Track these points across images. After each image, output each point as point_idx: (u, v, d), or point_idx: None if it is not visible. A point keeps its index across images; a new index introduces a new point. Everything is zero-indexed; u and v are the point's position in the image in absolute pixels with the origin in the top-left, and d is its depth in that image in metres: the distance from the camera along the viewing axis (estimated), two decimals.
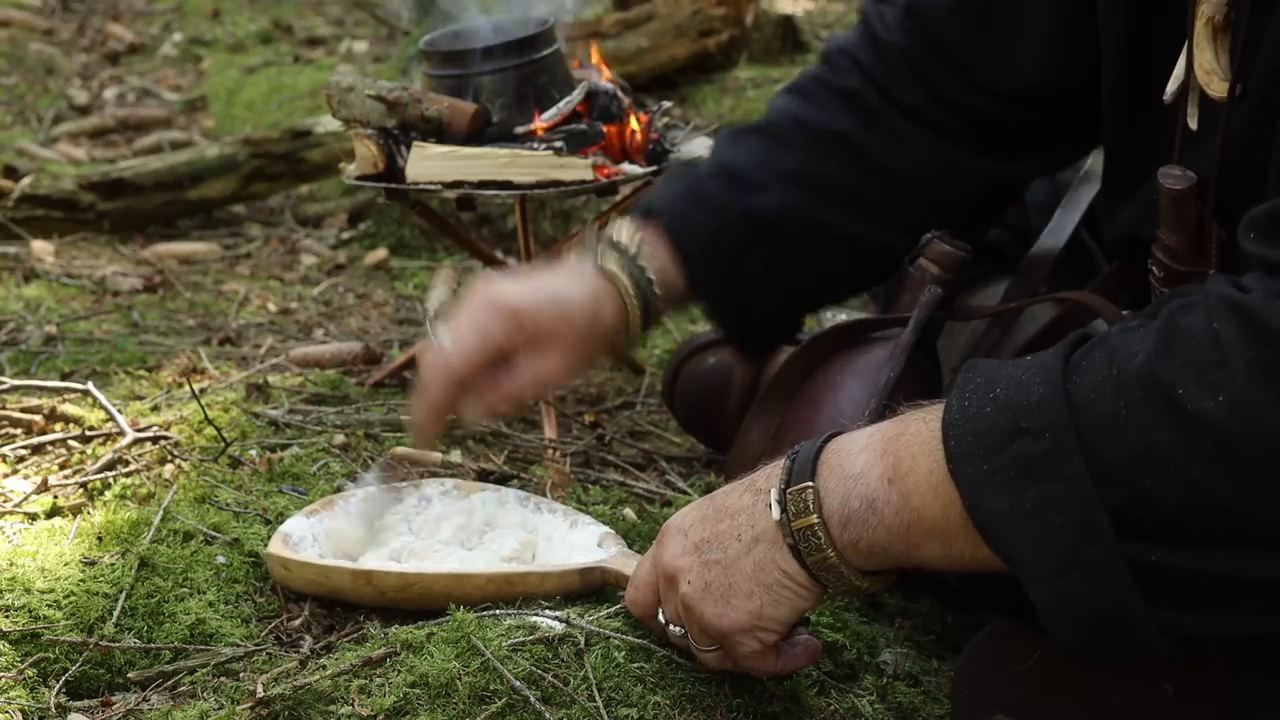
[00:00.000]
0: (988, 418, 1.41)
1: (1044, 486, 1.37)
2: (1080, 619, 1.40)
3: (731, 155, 2.11)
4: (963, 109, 2.07)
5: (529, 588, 1.79)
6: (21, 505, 2.06)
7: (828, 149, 2.08)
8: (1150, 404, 1.34)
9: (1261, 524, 1.34)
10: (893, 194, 2.09)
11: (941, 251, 2.12)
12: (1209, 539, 1.36)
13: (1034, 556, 1.39)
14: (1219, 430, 1.32)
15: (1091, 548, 1.37)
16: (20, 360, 2.89)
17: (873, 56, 2.10)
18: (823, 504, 1.49)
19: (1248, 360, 1.31)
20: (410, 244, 4.02)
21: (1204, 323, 1.35)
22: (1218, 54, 1.66)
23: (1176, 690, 1.65)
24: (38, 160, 4.78)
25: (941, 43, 2.06)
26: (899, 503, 1.46)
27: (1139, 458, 1.35)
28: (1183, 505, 1.35)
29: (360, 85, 2.73)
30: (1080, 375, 1.39)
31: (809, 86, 2.14)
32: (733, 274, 2.07)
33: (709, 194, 2.08)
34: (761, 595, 1.54)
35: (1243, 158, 1.64)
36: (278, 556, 1.87)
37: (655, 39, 4.77)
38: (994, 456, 1.40)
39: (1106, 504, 1.36)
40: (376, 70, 5.37)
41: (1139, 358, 1.37)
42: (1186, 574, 1.37)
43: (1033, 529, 1.38)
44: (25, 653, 1.75)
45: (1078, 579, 1.38)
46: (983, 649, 1.77)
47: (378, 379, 2.83)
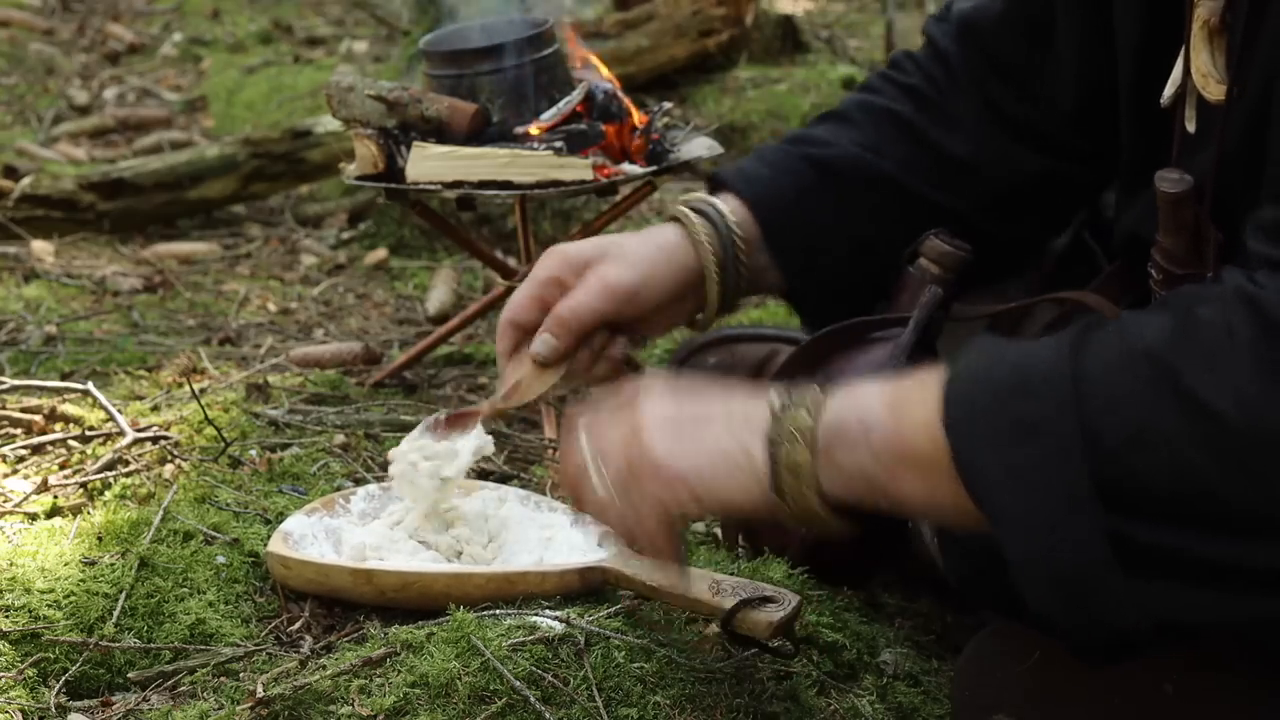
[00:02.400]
0: (992, 381, 1.43)
1: (1036, 447, 1.39)
2: (1053, 581, 1.41)
3: (798, 133, 2.17)
4: (1015, 117, 2.09)
5: (529, 587, 1.79)
6: (21, 505, 2.06)
7: (890, 127, 2.12)
8: (1154, 384, 1.36)
9: (1248, 514, 1.35)
10: (953, 172, 2.12)
11: (941, 251, 2.11)
12: (1194, 522, 1.37)
13: (1015, 512, 1.41)
14: (1220, 420, 1.33)
15: (1074, 513, 1.38)
16: (20, 360, 2.89)
17: (933, 62, 2.15)
18: (822, 408, 1.50)
19: (1256, 354, 1.32)
20: (410, 244, 4.02)
21: (1218, 314, 1.36)
22: (1214, 57, 1.67)
23: (1176, 690, 1.65)
24: (38, 160, 4.78)
25: (995, 55, 2.09)
26: (892, 429, 1.47)
27: (1135, 435, 1.36)
28: (1173, 487, 1.36)
29: (360, 85, 2.73)
30: (1088, 349, 1.41)
31: (873, 82, 2.20)
32: (800, 216, 2.07)
33: (771, 149, 2.12)
34: (719, 464, 1.53)
35: (1238, 160, 1.65)
36: (278, 555, 1.87)
37: (655, 39, 4.77)
38: (990, 415, 1.42)
39: (1095, 474, 1.37)
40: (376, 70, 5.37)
41: (1149, 338, 1.38)
42: (1167, 554, 1.38)
43: (1018, 486, 1.40)
44: (25, 653, 1.74)
45: (1056, 540, 1.39)
46: (983, 649, 1.77)
47: (378, 379, 2.83)
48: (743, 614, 1.67)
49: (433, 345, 2.94)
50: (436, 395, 2.81)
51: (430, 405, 2.66)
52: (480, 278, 3.71)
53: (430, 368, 2.99)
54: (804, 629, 1.83)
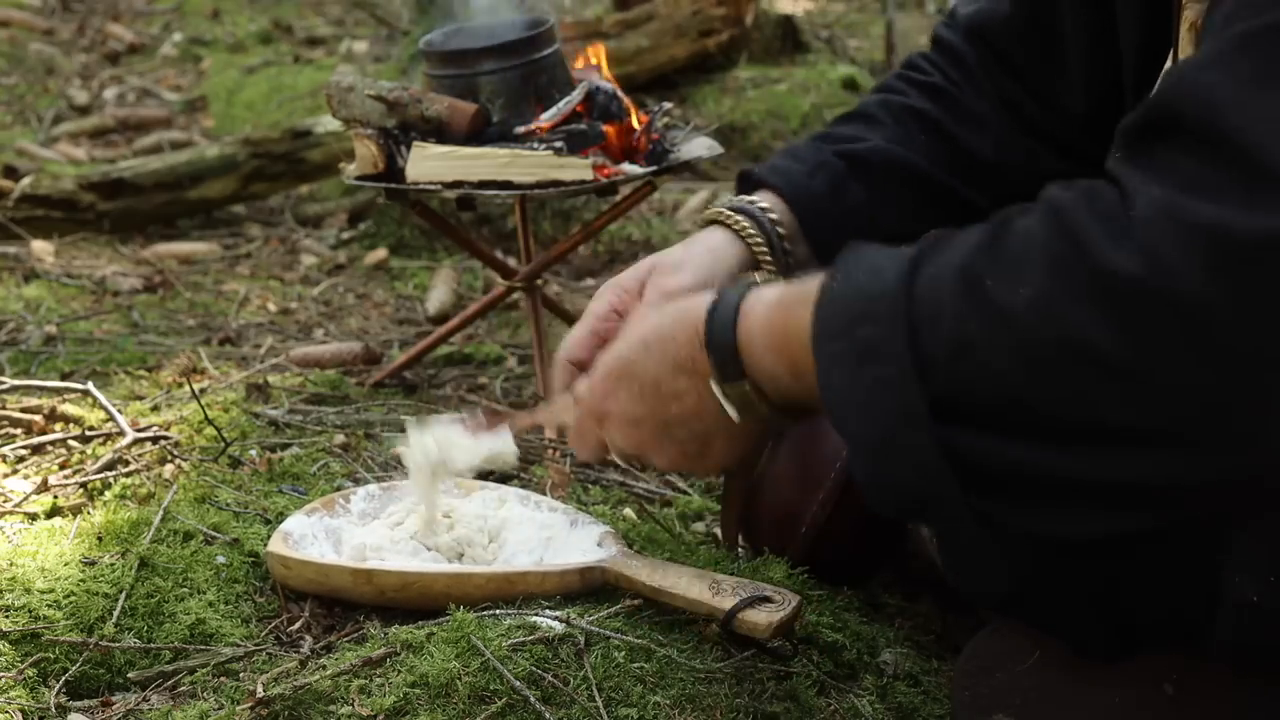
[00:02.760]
0: (843, 303, 1.47)
1: (875, 369, 1.42)
2: (898, 498, 1.45)
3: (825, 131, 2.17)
4: (1034, 120, 2.10)
5: (529, 587, 1.79)
6: (21, 505, 2.06)
7: (913, 124, 2.13)
8: (963, 294, 1.37)
9: (1059, 421, 1.36)
10: (976, 167, 2.13)
11: None
12: (1021, 431, 1.38)
13: (861, 435, 1.45)
14: (1021, 325, 1.33)
15: (909, 430, 1.40)
16: (20, 360, 2.89)
17: (950, 63, 2.16)
18: (766, 396, 1.58)
19: (1048, 252, 1.33)
20: (410, 244, 4.02)
21: (1027, 220, 1.38)
22: None
23: (1176, 690, 1.65)
24: (38, 160, 4.79)
25: (1007, 57, 2.10)
26: (808, 393, 1.52)
27: (955, 347, 1.38)
28: (994, 397, 1.37)
29: (360, 85, 2.73)
30: (922, 265, 1.43)
31: (893, 83, 2.21)
32: (836, 208, 2.08)
33: (802, 146, 2.13)
34: (742, 442, 1.66)
35: None
36: (278, 555, 1.87)
37: (655, 39, 4.77)
38: (843, 339, 1.45)
39: (928, 391, 1.39)
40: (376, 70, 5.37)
41: (961, 250, 1.40)
42: (999, 461, 1.40)
43: (862, 408, 1.43)
44: (25, 653, 1.74)
45: (895, 459, 1.42)
46: (983, 649, 1.77)
47: (378, 379, 2.83)
48: (742, 614, 1.67)
49: (433, 345, 2.94)
50: (436, 395, 2.81)
51: (430, 405, 2.66)
52: (480, 278, 3.71)
53: (430, 368, 2.99)
54: (804, 629, 1.83)
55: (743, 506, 2.08)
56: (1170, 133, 1.32)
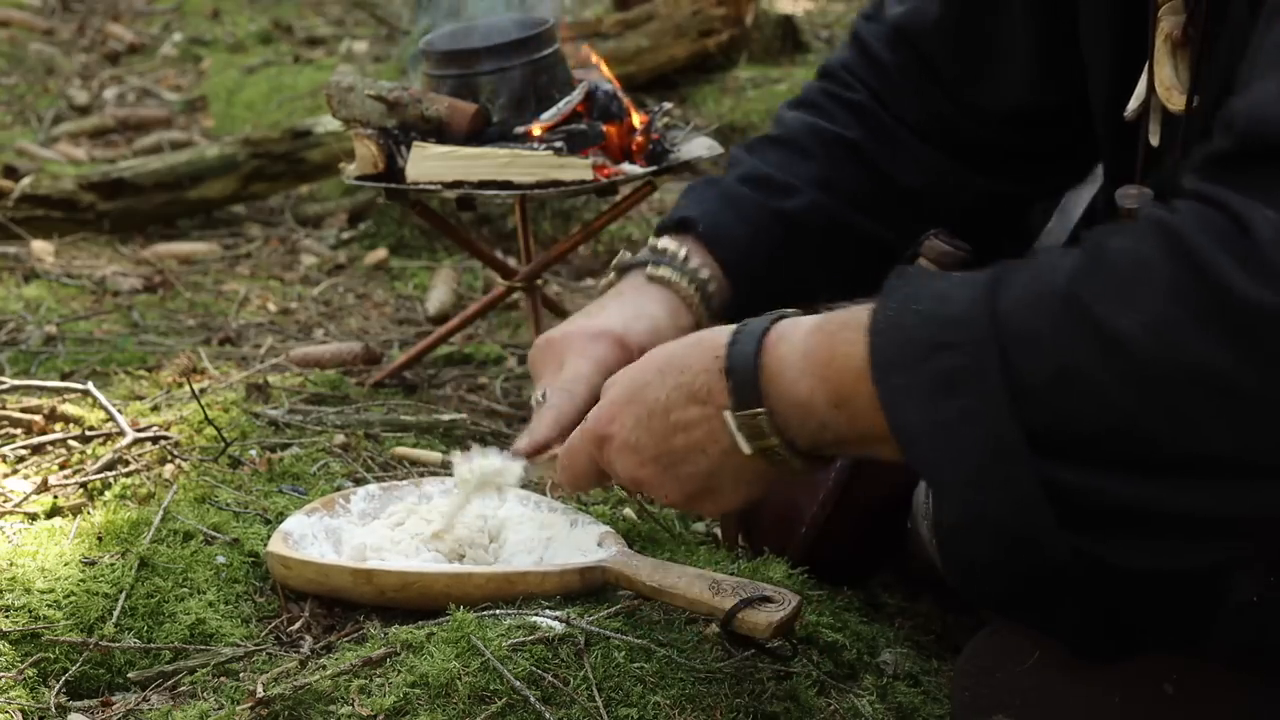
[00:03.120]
0: (911, 329, 1.41)
1: (961, 400, 1.36)
2: (990, 535, 1.41)
3: (754, 164, 2.12)
4: (954, 127, 2.08)
5: (529, 587, 1.79)
6: (21, 505, 2.06)
7: (843, 156, 2.10)
8: (1070, 321, 1.32)
9: (1174, 451, 1.32)
10: (900, 203, 2.11)
11: (941, 251, 2.12)
12: (1123, 463, 1.34)
13: (947, 469, 1.39)
14: (1136, 351, 1.29)
15: (1004, 464, 1.36)
16: (20, 360, 2.89)
17: (871, 73, 2.12)
18: (780, 428, 1.53)
19: (1168, 278, 1.29)
20: (410, 244, 4.02)
21: (1130, 243, 1.33)
22: (1177, 69, 1.67)
23: (1176, 690, 1.65)
24: (38, 160, 4.78)
25: (930, 61, 2.08)
26: (848, 423, 1.48)
27: (1057, 376, 1.33)
28: (1098, 427, 1.33)
29: (360, 85, 2.73)
30: (1005, 291, 1.38)
31: (818, 99, 2.15)
32: (769, 274, 2.07)
33: (742, 199, 2.08)
34: (746, 487, 1.62)
35: None
36: (278, 555, 1.87)
37: (655, 39, 4.77)
38: (915, 369, 1.39)
39: (1023, 421, 1.35)
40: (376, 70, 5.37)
41: (1061, 276, 1.35)
42: (1099, 497, 1.36)
43: (947, 442, 1.38)
44: (25, 653, 1.74)
45: (989, 494, 1.37)
46: (983, 649, 1.77)
47: (378, 379, 2.83)
48: (743, 614, 1.67)
49: (433, 345, 2.94)
50: (436, 395, 2.81)
51: (430, 405, 2.66)
52: (480, 278, 3.71)
53: (430, 368, 2.99)
54: (804, 629, 1.83)
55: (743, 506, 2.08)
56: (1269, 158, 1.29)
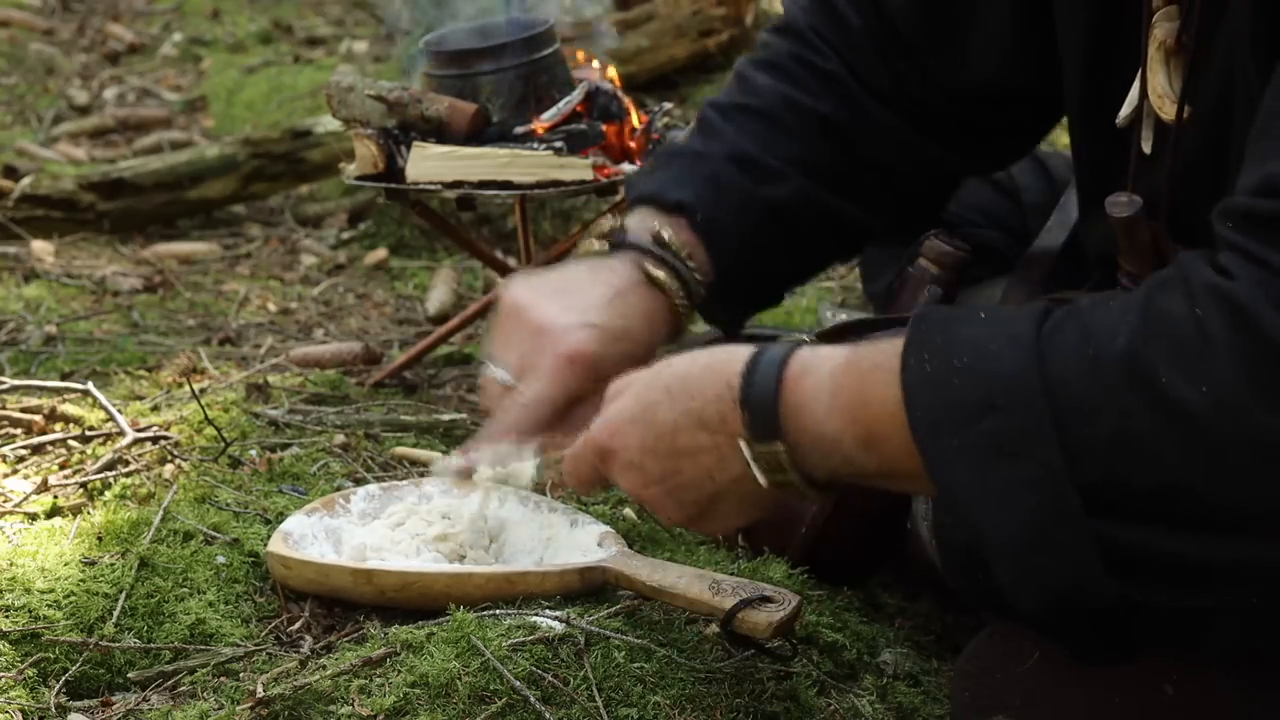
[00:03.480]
0: (956, 390, 1.40)
1: (1015, 465, 1.37)
2: (1042, 591, 1.42)
3: (737, 141, 2.07)
4: (917, 97, 2.06)
5: (529, 587, 1.79)
6: (21, 505, 2.06)
7: (818, 134, 2.07)
8: (1130, 388, 1.33)
9: (1228, 510, 1.34)
10: (868, 179, 2.09)
11: (941, 251, 2.12)
12: (1176, 519, 1.36)
13: (1001, 533, 1.40)
14: (1199, 419, 1.31)
15: (1060, 528, 1.37)
16: (20, 360, 2.89)
17: (838, 33, 2.07)
18: (800, 464, 1.52)
19: (1233, 351, 1.30)
20: (410, 244, 4.02)
21: (1186, 307, 1.33)
22: (1171, 77, 1.66)
23: (1176, 690, 1.65)
24: (38, 160, 4.78)
25: (895, 28, 2.04)
26: (879, 464, 1.48)
27: (1114, 441, 1.34)
28: (1154, 486, 1.35)
29: (360, 85, 2.73)
30: (1055, 351, 1.38)
31: (790, 66, 2.10)
32: (754, 264, 2.06)
33: (733, 187, 2.04)
34: (750, 510, 1.63)
35: (1197, 177, 1.64)
36: (278, 555, 1.87)
37: (655, 39, 4.77)
38: (963, 431, 1.39)
39: (1078, 483, 1.36)
40: (376, 70, 5.37)
41: (1120, 340, 1.35)
42: (1149, 550, 1.38)
43: (1002, 507, 1.39)
44: (25, 653, 1.74)
45: (1042, 554, 1.39)
46: (983, 649, 1.77)
47: (378, 379, 2.83)
48: (743, 614, 1.67)
49: (433, 345, 2.94)
50: (436, 395, 2.81)
51: (430, 405, 2.66)
52: (480, 278, 3.71)
53: (430, 368, 2.98)
54: (804, 629, 1.83)
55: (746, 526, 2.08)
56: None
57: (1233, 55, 1.56)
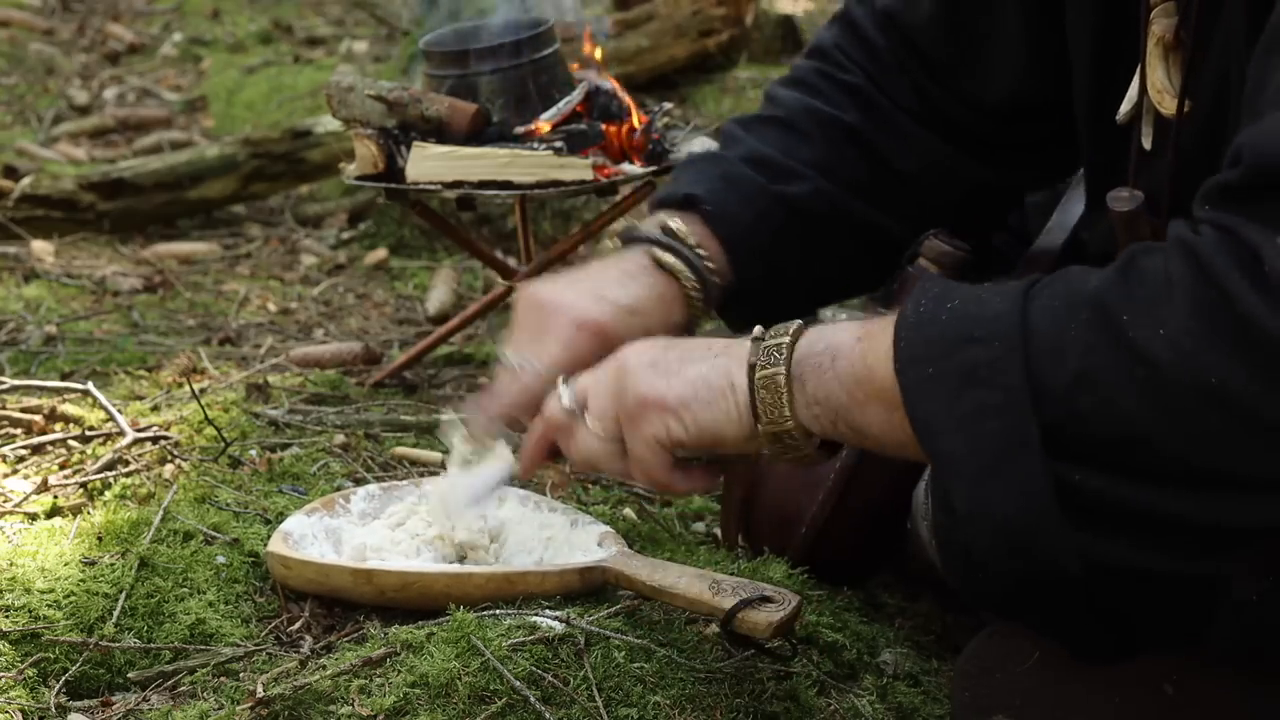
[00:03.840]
0: (940, 325, 1.45)
1: (982, 393, 1.40)
2: (996, 529, 1.43)
3: (755, 145, 2.11)
4: (946, 113, 2.08)
5: (529, 587, 1.79)
6: (21, 505, 2.06)
7: (840, 140, 2.09)
8: (1094, 327, 1.37)
9: (1184, 463, 1.36)
10: (897, 188, 2.10)
11: (941, 251, 2.12)
12: (1134, 470, 1.38)
13: (961, 459, 1.42)
14: (1155, 362, 1.33)
15: (1018, 458, 1.39)
16: (20, 360, 2.89)
17: (864, 54, 2.11)
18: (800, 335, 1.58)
19: (1192, 297, 1.33)
20: (410, 244, 4.02)
21: (1159, 261, 1.37)
22: (1169, 73, 1.67)
23: (1176, 690, 1.65)
24: (38, 160, 4.78)
25: (919, 50, 2.07)
26: (858, 357, 1.52)
27: (1077, 379, 1.37)
28: (1112, 431, 1.37)
29: (360, 85, 2.73)
30: (1038, 299, 1.42)
31: (812, 79, 2.14)
32: (772, 259, 2.07)
33: (745, 181, 2.07)
34: (701, 391, 1.61)
35: (1196, 172, 1.64)
36: (278, 555, 1.87)
37: (655, 39, 4.77)
38: (940, 362, 1.43)
39: (1040, 419, 1.38)
40: (376, 70, 5.37)
41: (1092, 283, 1.40)
42: (1108, 500, 1.39)
43: (964, 432, 1.41)
44: (25, 653, 1.75)
45: (1000, 486, 1.40)
46: (983, 649, 1.77)
47: (378, 379, 2.83)
48: (743, 614, 1.67)
49: (433, 345, 2.94)
50: (436, 395, 2.81)
51: (430, 405, 2.66)
52: (480, 278, 3.71)
53: (430, 368, 2.99)
54: (804, 629, 1.83)
55: (743, 506, 2.08)
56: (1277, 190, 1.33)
57: (1229, 50, 1.56)
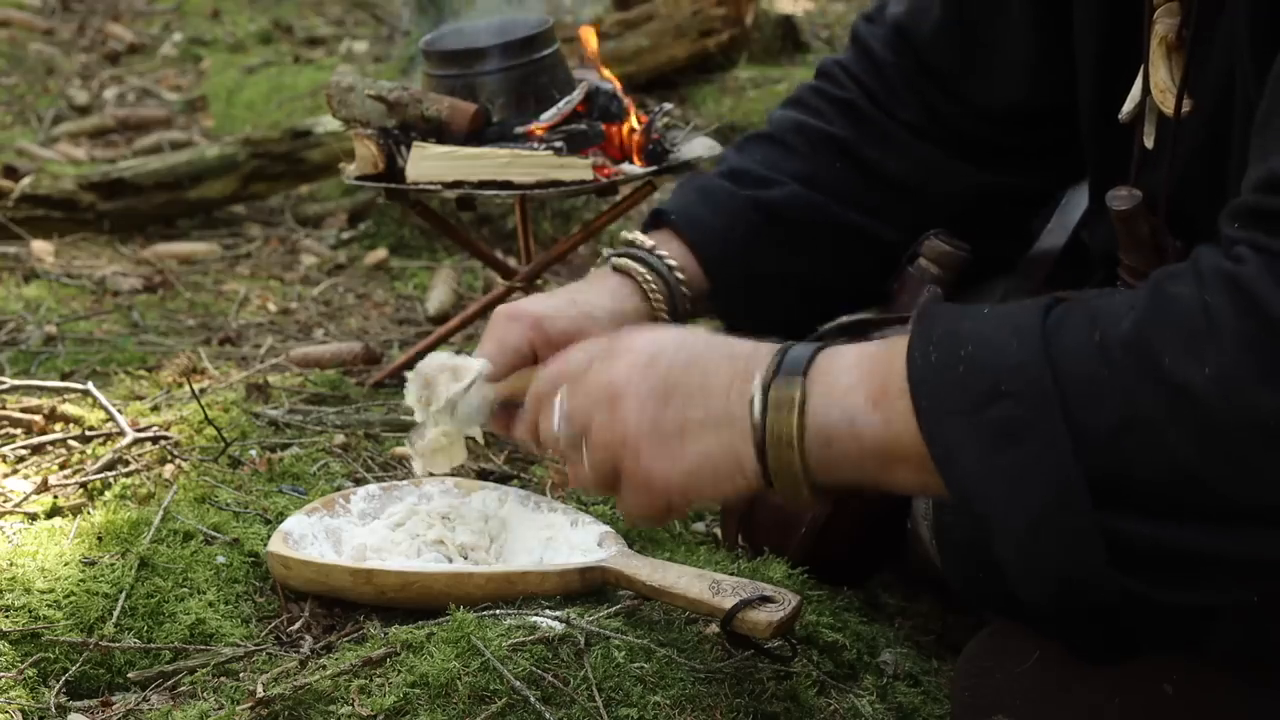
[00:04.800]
0: (961, 376, 1.40)
1: (1022, 449, 1.37)
2: (1045, 578, 1.41)
3: (738, 160, 2.13)
4: (955, 126, 2.08)
5: (529, 587, 1.79)
6: (21, 505, 2.06)
7: (829, 152, 2.10)
8: (1135, 370, 1.33)
9: (1235, 501, 1.34)
10: (893, 196, 2.11)
11: (940, 251, 2.12)
12: (1182, 511, 1.36)
13: (1006, 516, 1.39)
14: (1203, 402, 1.30)
15: (1066, 512, 1.37)
16: (20, 360, 2.89)
17: (868, 72, 2.12)
18: (806, 407, 1.49)
19: (1238, 333, 1.30)
20: (410, 244, 4.02)
21: (1194, 292, 1.34)
22: (1172, 72, 1.67)
23: (1176, 690, 1.65)
24: (38, 160, 4.78)
25: (928, 61, 2.08)
26: (880, 425, 1.46)
27: (1120, 425, 1.34)
28: (1160, 475, 1.34)
29: (360, 85, 2.73)
30: (1061, 337, 1.38)
31: (806, 97, 2.17)
32: (747, 261, 2.06)
33: (718, 190, 2.09)
34: (707, 475, 1.55)
35: (1198, 171, 1.64)
36: (278, 555, 1.87)
37: (655, 39, 4.77)
38: (971, 416, 1.39)
39: (1085, 469, 1.35)
40: (376, 70, 5.37)
41: (1125, 323, 1.35)
42: (1155, 544, 1.37)
43: (1007, 490, 1.38)
44: (25, 653, 1.75)
45: (1048, 541, 1.38)
46: (983, 649, 1.77)
47: (378, 379, 2.83)
48: (742, 614, 1.67)
49: (433, 345, 2.94)
50: None
51: None
52: (480, 278, 3.71)
53: None
54: (804, 629, 1.83)
55: (743, 506, 2.08)
56: None
57: (1232, 50, 1.56)
